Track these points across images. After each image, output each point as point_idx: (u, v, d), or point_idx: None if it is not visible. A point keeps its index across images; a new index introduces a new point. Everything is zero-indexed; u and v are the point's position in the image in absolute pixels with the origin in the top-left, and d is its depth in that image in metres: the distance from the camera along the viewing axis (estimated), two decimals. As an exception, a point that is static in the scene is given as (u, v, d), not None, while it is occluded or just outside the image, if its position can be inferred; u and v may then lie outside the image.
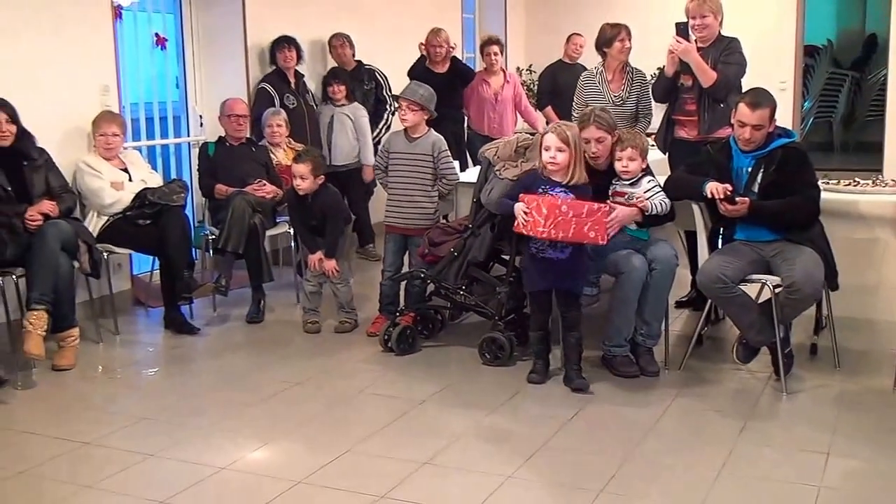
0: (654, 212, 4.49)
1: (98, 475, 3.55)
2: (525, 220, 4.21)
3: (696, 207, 4.61)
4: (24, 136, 5.01)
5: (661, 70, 5.58)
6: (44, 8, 5.41)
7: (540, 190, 4.32)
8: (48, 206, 4.93)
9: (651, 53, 7.00)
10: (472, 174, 5.71)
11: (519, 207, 4.25)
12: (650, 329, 4.56)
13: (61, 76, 5.53)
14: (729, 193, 4.31)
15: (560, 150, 4.29)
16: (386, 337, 5.00)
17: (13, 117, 4.93)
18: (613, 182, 4.59)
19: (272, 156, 6.35)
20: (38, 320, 4.66)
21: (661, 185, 4.58)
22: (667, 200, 4.51)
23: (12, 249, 4.74)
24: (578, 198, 4.26)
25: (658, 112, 5.94)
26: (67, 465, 3.65)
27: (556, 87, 8.18)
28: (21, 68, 5.26)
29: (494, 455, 3.73)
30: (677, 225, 4.99)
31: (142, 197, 5.41)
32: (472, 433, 3.94)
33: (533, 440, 3.81)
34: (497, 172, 4.72)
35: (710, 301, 4.59)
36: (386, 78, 7.57)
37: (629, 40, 5.87)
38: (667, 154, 5.63)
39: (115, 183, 5.45)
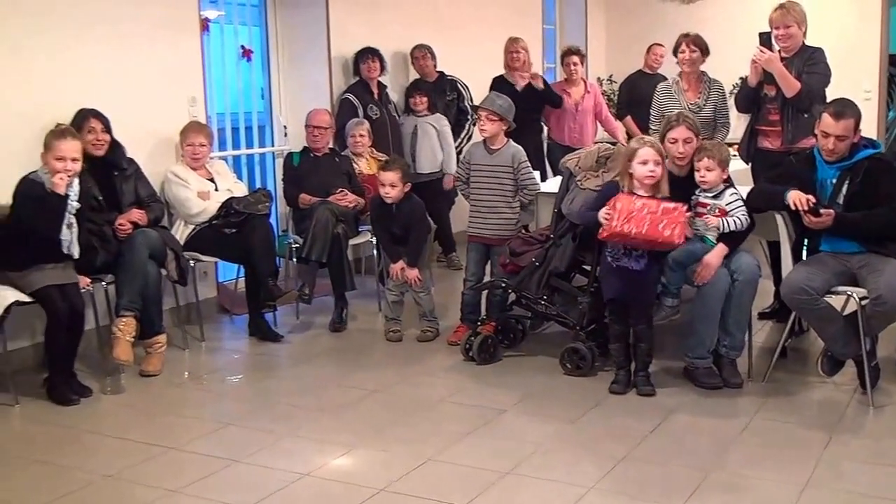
0: (732, 228, 4.42)
1: (183, 480, 3.62)
2: (604, 222, 4.22)
3: (779, 218, 4.53)
4: (115, 146, 5.17)
5: (744, 80, 5.51)
6: (136, 22, 5.58)
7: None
8: (137, 214, 5.08)
9: (734, 63, 6.90)
10: (552, 184, 5.70)
11: (601, 213, 4.25)
12: (733, 340, 4.49)
13: (151, 88, 5.68)
14: (812, 205, 4.23)
15: (657, 164, 4.30)
16: (467, 346, 5.01)
17: (107, 127, 5.09)
18: (696, 193, 4.53)
19: (355, 165, 6.43)
20: (126, 326, 4.80)
21: (744, 197, 4.51)
22: (746, 216, 4.44)
23: (102, 257, 4.89)
24: None
25: (737, 122, 5.87)
26: (154, 470, 3.73)
27: (635, 97, 8.10)
28: (113, 80, 5.42)
29: (576, 465, 3.71)
30: (760, 235, 4.91)
31: (227, 206, 5.52)
32: (554, 443, 3.93)
33: (615, 451, 3.78)
34: (578, 183, 4.72)
35: (794, 313, 4.51)
36: (467, 88, 7.62)
37: (692, 50, 5.83)
38: (749, 164, 5.55)
39: (202, 192, 5.58)
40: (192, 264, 5.44)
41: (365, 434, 4.08)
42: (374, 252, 6.21)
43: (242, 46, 6.92)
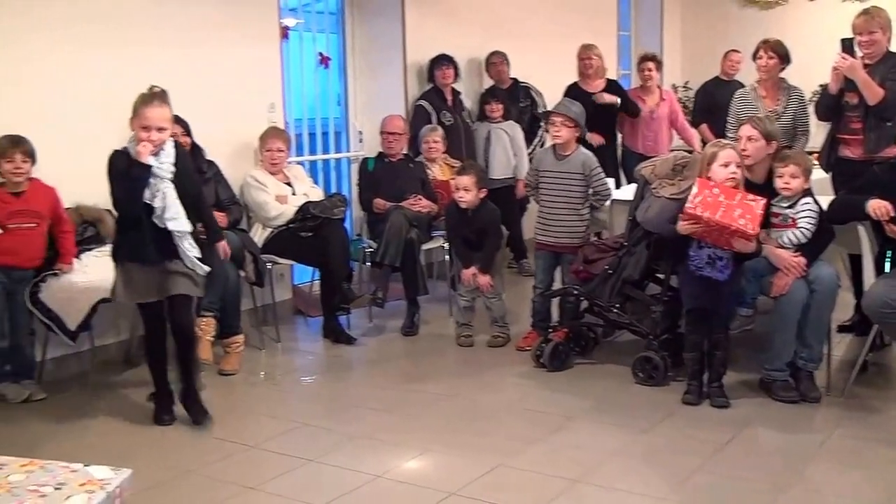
0: (794, 242, 4.35)
1: (260, 478, 3.70)
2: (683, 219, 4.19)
3: (861, 229, 4.44)
4: (195, 149, 5.30)
5: (825, 87, 5.41)
6: (218, 30, 5.71)
7: None
8: (218, 217, 5.19)
9: (814, 70, 6.78)
10: (626, 192, 5.67)
11: (683, 224, 4.22)
12: (811, 353, 4.41)
13: (232, 94, 5.81)
14: (894, 214, 4.14)
15: (738, 166, 4.27)
16: (538, 352, 5.02)
17: (187, 131, 5.22)
18: (771, 203, 4.47)
19: (428, 171, 6.48)
20: (207, 326, 4.92)
21: (821, 208, 4.43)
22: (811, 228, 4.36)
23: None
24: None
25: (817, 130, 5.77)
26: (232, 467, 3.82)
27: (711, 104, 7.99)
28: (195, 86, 5.55)
29: (648, 476, 3.68)
30: (842, 247, 4.82)
31: (304, 210, 5.62)
32: (626, 452, 3.91)
33: (688, 463, 3.74)
34: (654, 190, 4.68)
35: (875, 326, 4.41)
36: (541, 95, 7.63)
37: (770, 56, 5.74)
38: (830, 174, 5.45)
39: (280, 196, 5.68)
40: (269, 267, 5.55)
41: (436, 438, 4.11)
42: (447, 257, 6.25)
43: (320, 53, 7.02)
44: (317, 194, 5.91)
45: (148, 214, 4.07)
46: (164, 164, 4.06)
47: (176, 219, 4.08)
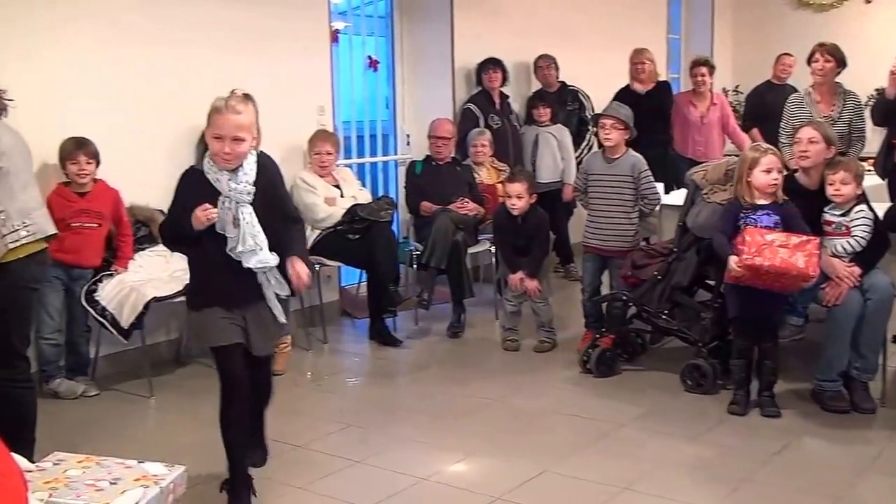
0: (848, 251, 4.28)
1: (308, 478, 3.72)
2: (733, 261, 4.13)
3: (918, 237, 4.36)
4: (246, 152, 5.34)
5: (881, 92, 5.32)
6: (269, 33, 5.77)
7: (741, 215, 4.24)
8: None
9: (869, 74, 6.68)
10: (675, 197, 5.63)
11: (732, 260, 4.15)
12: (866, 363, 4.33)
13: (282, 96, 5.85)
14: None
15: (780, 172, 4.23)
16: (585, 358, 4.99)
17: (238, 134, 5.26)
18: (825, 210, 4.40)
19: (476, 175, 6.48)
20: (285, 341, 4.94)
21: (877, 216, 4.35)
22: (866, 236, 4.28)
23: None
24: (788, 220, 4.17)
25: (872, 136, 5.67)
26: (280, 467, 3.83)
27: (763, 109, 7.91)
28: (245, 89, 5.58)
29: (696, 485, 3.64)
30: (897, 255, 4.73)
31: (352, 212, 5.65)
32: (674, 461, 3.86)
33: (737, 473, 3.69)
34: (704, 196, 4.64)
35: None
36: (589, 99, 7.59)
37: (826, 60, 5.64)
38: (886, 180, 5.36)
39: (328, 198, 5.72)
40: (317, 268, 5.58)
41: (482, 442, 4.10)
42: (493, 260, 6.25)
43: (369, 57, 7.06)
44: (365, 197, 5.94)
45: (222, 245, 3.26)
46: (241, 183, 3.23)
47: (254, 252, 3.26)
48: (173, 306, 4.75)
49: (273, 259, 3.31)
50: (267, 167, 3.37)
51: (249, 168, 3.28)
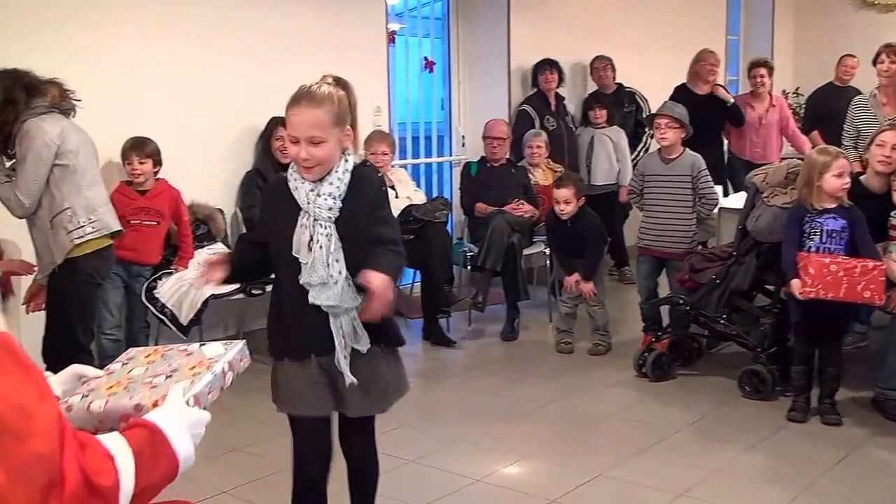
0: None
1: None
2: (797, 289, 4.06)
3: None
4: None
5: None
6: (327, 34, 5.82)
7: (807, 219, 4.16)
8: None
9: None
10: (734, 200, 5.55)
11: (795, 286, 4.08)
12: (930, 371, 4.24)
13: (340, 97, 5.89)
14: None
15: (849, 175, 4.16)
16: (640, 362, 4.94)
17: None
18: (891, 214, 4.31)
19: (531, 176, 6.46)
20: None
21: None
22: None
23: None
24: (854, 224, 4.09)
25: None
26: (333, 466, 3.85)
27: (824, 112, 7.77)
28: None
29: (755, 493, 3.59)
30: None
31: (407, 213, 5.67)
32: (731, 468, 3.81)
33: (796, 481, 3.63)
34: (765, 199, 4.56)
35: None
36: (646, 100, 7.52)
37: (893, 61, 5.51)
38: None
39: (384, 199, 5.73)
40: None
41: (536, 444, 4.09)
42: (547, 262, 6.22)
43: (426, 58, 7.08)
44: (419, 198, 5.96)
45: (298, 274, 2.59)
46: (322, 196, 2.57)
47: (325, 285, 2.55)
48: (231, 303, 4.81)
49: (350, 299, 2.57)
50: (365, 181, 2.63)
51: (338, 178, 2.59)
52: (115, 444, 1.65)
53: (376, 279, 2.47)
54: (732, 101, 7.30)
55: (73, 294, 3.90)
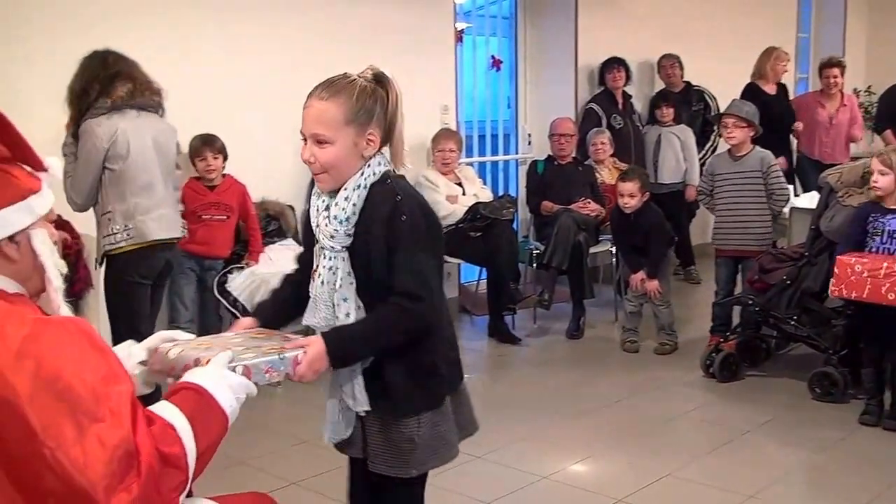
0: None
1: (430, 473, 3.77)
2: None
3: None
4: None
5: None
6: (395, 32, 5.86)
7: (871, 218, 4.12)
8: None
9: None
10: (805, 200, 5.49)
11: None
12: None
13: (407, 95, 5.88)
14: None
15: (882, 174, 4.09)
16: (708, 362, 4.91)
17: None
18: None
19: (597, 174, 6.44)
20: None
21: None
22: None
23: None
24: None
25: None
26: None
27: (897, 110, 7.63)
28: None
29: (825, 497, 3.56)
30: None
31: (474, 210, 5.70)
32: (801, 471, 3.78)
33: (868, 487, 3.58)
34: (839, 199, 4.50)
35: None
36: (714, 99, 7.45)
37: None
38: None
39: (450, 196, 5.78)
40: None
41: (601, 443, 4.09)
42: (613, 261, 6.21)
43: (493, 56, 7.10)
44: (486, 195, 5.98)
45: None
46: (332, 213, 2.17)
47: (330, 323, 2.20)
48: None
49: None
50: (377, 206, 2.13)
51: (345, 198, 2.14)
52: (170, 412, 1.74)
53: (310, 353, 2.04)
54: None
55: (112, 290, 3.94)
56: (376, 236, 2.11)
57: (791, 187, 5.39)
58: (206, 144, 4.83)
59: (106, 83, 3.82)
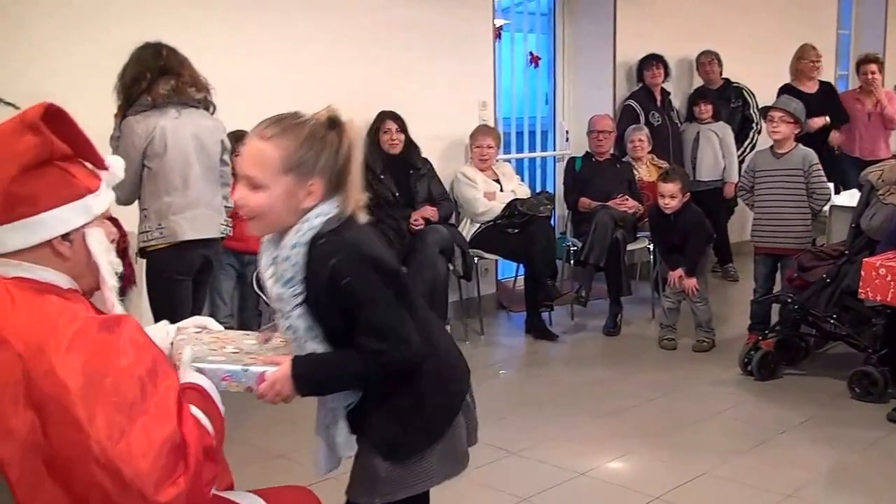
0: None
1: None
2: None
3: None
4: (411, 146, 5.51)
5: None
6: (434, 29, 5.90)
7: None
8: (430, 211, 5.39)
9: None
10: (845, 198, 5.45)
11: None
12: None
13: (446, 92, 5.98)
14: None
15: None
16: (746, 360, 4.90)
17: (402, 128, 5.44)
18: None
19: (635, 171, 6.44)
20: None
21: None
22: None
23: (397, 250, 5.21)
24: None
25: None
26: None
27: (937, 107, 7.54)
28: (411, 84, 5.76)
29: (862, 498, 3.53)
30: None
31: (511, 207, 5.72)
32: (839, 472, 3.77)
33: (908, 486, 3.57)
34: (880, 197, 4.47)
35: None
36: (753, 96, 7.40)
37: None
38: None
39: (488, 193, 5.81)
40: (476, 261, 5.68)
41: (638, 440, 4.10)
42: (651, 258, 6.20)
43: (531, 53, 7.11)
44: (524, 192, 6.00)
45: None
46: (272, 274, 2.01)
47: None
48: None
49: (337, 397, 2.09)
50: (321, 269, 1.93)
51: (289, 253, 1.95)
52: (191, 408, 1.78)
53: (276, 373, 1.96)
54: (827, 119, 7.16)
55: (152, 287, 3.96)
56: (325, 304, 1.95)
57: (831, 185, 5.35)
58: (239, 141, 4.85)
59: (156, 75, 3.81)
